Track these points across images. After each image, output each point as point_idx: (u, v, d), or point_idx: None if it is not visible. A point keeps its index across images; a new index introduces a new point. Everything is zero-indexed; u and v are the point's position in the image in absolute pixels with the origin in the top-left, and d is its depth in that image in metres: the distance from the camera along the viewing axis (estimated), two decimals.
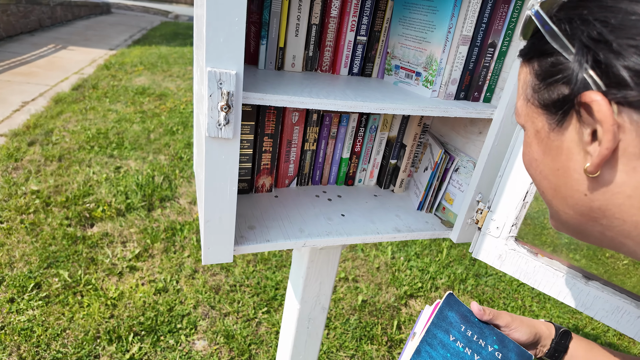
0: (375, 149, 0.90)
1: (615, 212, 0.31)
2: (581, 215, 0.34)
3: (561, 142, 0.33)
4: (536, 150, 0.36)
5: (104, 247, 1.92)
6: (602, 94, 0.28)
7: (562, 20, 0.31)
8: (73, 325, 1.51)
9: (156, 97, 4.05)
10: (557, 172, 0.34)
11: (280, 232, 0.70)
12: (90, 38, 6.97)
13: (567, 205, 0.35)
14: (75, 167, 2.54)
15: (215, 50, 0.47)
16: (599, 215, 0.32)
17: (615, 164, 0.29)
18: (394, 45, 0.79)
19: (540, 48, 0.33)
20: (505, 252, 0.71)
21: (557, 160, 0.34)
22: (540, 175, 0.37)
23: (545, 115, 0.34)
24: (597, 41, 0.28)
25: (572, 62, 0.30)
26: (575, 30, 0.30)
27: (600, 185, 0.31)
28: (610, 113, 0.28)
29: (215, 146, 0.52)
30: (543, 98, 0.33)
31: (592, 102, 0.28)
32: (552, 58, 0.32)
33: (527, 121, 0.36)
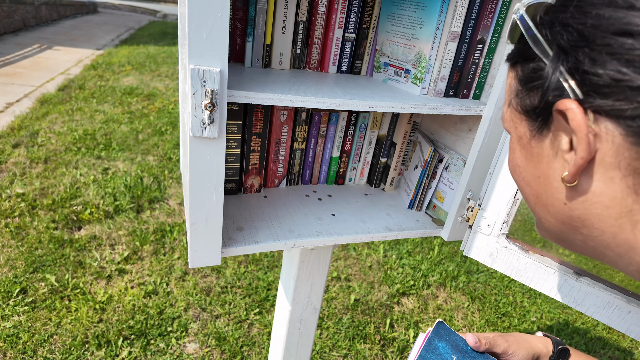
0: (365, 148, 0.89)
1: (594, 222, 0.31)
2: (562, 223, 0.34)
3: (541, 150, 0.33)
4: (519, 157, 0.36)
5: (92, 250, 1.89)
6: (578, 102, 0.28)
7: (544, 24, 0.30)
8: (60, 331, 1.48)
9: (144, 97, 4.00)
10: (538, 179, 0.34)
11: (270, 233, 0.69)
12: (77, 38, 6.86)
13: (549, 213, 0.34)
14: (62, 169, 2.49)
15: (198, 47, 0.46)
16: (579, 224, 0.32)
17: (593, 173, 0.29)
18: (382, 42, 0.78)
19: (524, 53, 0.33)
20: (496, 249, 0.70)
21: (538, 168, 0.33)
22: (523, 181, 0.36)
23: (526, 122, 0.34)
24: (575, 46, 0.28)
25: (547, 67, 0.30)
26: (555, 34, 0.29)
27: (579, 194, 0.30)
28: (584, 122, 0.27)
29: (200, 146, 0.51)
30: (524, 104, 0.33)
31: (567, 110, 0.28)
32: (534, 63, 0.31)
33: (511, 127, 0.36)
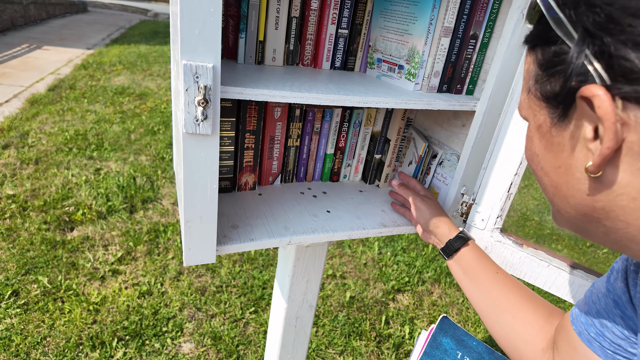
0: (359, 144, 0.89)
1: (619, 214, 0.29)
2: (583, 215, 0.32)
3: (563, 138, 0.31)
4: (538, 146, 0.34)
5: (85, 251, 1.87)
6: (605, 88, 0.26)
7: (568, 4, 0.28)
8: (54, 333, 1.46)
9: (136, 97, 3.96)
10: (558, 169, 0.32)
11: (265, 231, 0.69)
12: (66, 37, 6.78)
13: (569, 205, 0.33)
14: (53, 170, 2.46)
15: (190, 43, 0.45)
16: (603, 216, 0.30)
17: (619, 163, 0.27)
18: (375, 38, 0.78)
19: (544, 35, 0.30)
20: (491, 243, 0.71)
21: (558, 157, 0.32)
22: (541, 171, 0.35)
23: (547, 109, 0.32)
24: (602, 28, 0.25)
25: (572, 51, 0.27)
26: (580, 15, 0.27)
27: (603, 185, 0.29)
28: (612, 109, 0.26)
29: (193, 143, 0.50)
30: (545, 90, 0.31)
31: (594, 96, 0.26)
32: (556, 47, 0.29)
33: (529, 114, 0.34)
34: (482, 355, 0.53)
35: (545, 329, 0.52)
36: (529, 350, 0.52)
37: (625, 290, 0.40)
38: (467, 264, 0.63)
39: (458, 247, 0.64)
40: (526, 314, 0.55)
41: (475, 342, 0.55)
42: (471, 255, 0.63)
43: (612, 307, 0.41)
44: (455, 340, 0.54)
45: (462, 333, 0.55)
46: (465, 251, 0.64)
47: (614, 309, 0.41)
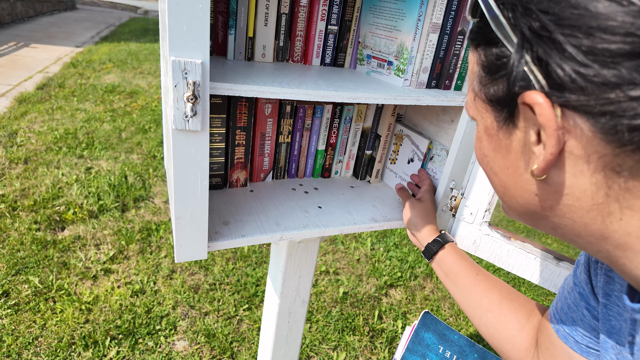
0: (350, 140, 0.90)
1: (565, 212, 0.30)
2: (533, 213, 0.33)
3: (510, 141, 0.31)
4: (487, 147, 0.34)
5: (77, 250, 1.86)
6: (545, 95, 0.26)
7: (506, 6, 0.27)
8: (46, 333, 1.45)
9: (127, 95, 3.93)
10: (507, 170, 0.32)
11: (256, 227, 0.69)
12: (55, 35, 6.69)
13: (518, 204, 0.33)
14: (43, 169, 2.44)
15: (178, 39, 0.45)
16: (550, 214, 0.31)
17: (563, 166, 0.28)
18: (365, 34, 0.78)
19: (487, 35, 0.30)
20: (479, 237, 0.72)
21: (507, 159, 0.32)
22: (491, 171, 0.35)
23: (492, 112, 0.31)
24: (538, 35, 0.25)
25: (513, 56, 0.27)
26: (517, 19, 0.26)
27: (550, 186, 0.29)
28: (553, 117, 0.26)
29: (183, 139, 0.50)
30: (489, 93, 0.31)
31: (534, 104, 0.26)
32: (497, 49, 0.29)
33: (476, 115, 0.34)
34: (464, 349, 0.55)
35: (527, 327, 0.53)
36: (514, 350, 0.53)
37: (588, 281, 0.41)
38: (447, 266, 0.64)
39: (436, 250, 0.66)
40: (507, 314, 0.55)
41: (456, 335, 0.56)
42: (450, 258, 0.64)
43: (579, 299, 0.42)
44: (437, 335, 0.55)
45: (443, 327, 0.57)
46: (443, 254, 0.65)
47: (580, 301, 0.42)
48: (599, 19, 0.23)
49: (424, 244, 0.69)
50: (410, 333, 0.55)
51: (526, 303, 0.56)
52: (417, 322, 0.57)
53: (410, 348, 0.54)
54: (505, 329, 0.55)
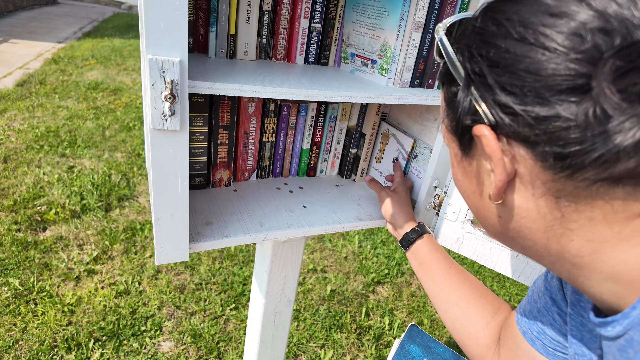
0: (335, 139, 0.90)
1: (526, 234, 0.32)
2: (502, 234, 0.35)
3: (472, 168, 0.34)
4: (457, 172, 0.37)
5: (59, 251, 1.82)
6: (490, 128, 0.28)
7: (459, 50, 0.31)
8: (26, 336, 1.42)
9: (110, 92, 3.86)
10: (474, 194, 0.35)
11: (240, 227, 0.68)
12: (35, 30, 6.52)
13: (489, 225, 0.36)
14: (23, 168, 2.38)
15: (155, 36, 0.44)
16: (515, 235, 0.33)
17: (516, 190, 0.30)
18: (348, 32, 0.78)
19: (449, 75, 0.33)
20: (462, 235, 0.72)
21: (472, 184, 0.35)
22: (464, 194, 0.38)
23: (456, 142, 0.34)
24: (478, 75, 0.29)
25: (460, 93, 0.30)
26: (464, 62, 0.30)
27: (508, 209, 0.32)
28: (497, 147, 0.28)
29: (162, 139, 0.49)
30: (452, 125, 0.34)
31: (481, 136, 0.29)
32: (455, 87, 0.32)
33: (448, 144, 0.37)
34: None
35: (491, 325, 0.54)
36: (476, 345, 0.54)
37: (560, 288, 0.42)
38: (422, 256, 0.66)
39: (413, 239, 0.67)
40: (474, 309, 0.57)
41: (442, 348, 0.57)
42: (425, 249, 0.66)
43: (550, 304, 0.43)
44: (422, 348, 0.56)
45: (429, 340, 0.57)
46: (420, 244, 0.67)
47: (551, 306, 0.43)
48: (525, 62, 0.26)
49: (401, 234, 0.70)
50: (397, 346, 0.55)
51: (494, 301, 0.57)
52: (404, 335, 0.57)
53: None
54: (470, 324, 0.56)
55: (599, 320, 0.30)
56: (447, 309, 0.60)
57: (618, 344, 0.28)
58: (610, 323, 0.29)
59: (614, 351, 0.29)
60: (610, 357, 0.30)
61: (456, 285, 0.60)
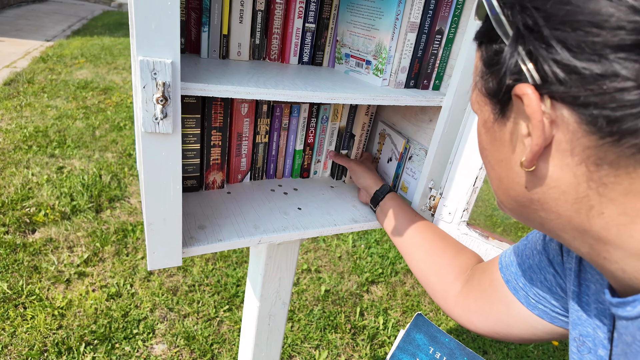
0: (327, 140, 0.89)
1: (552, 205, 0.31)
2: (523, 206, 0.34)
3: (503, 134, 0.32)
4: (485, 140, 0.35)
5: (48, 253, 1.79)
6: (534, 87, 0.27)
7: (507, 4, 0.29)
8: (16, 341, 1.39)
9: (100, 91, 3.81)
10: (501, 163, 0.34)
11: (234, 230, 0.67)
12: (23, 28, 6.41)
13: (510, 197, 0.35)
14: (11, 169, 2.33)
15: (146, 37, 0.43)
16: (538, 207, 0.32)
17: (550, 159, 0.29)
18: (343, 32, 0.77)
19: (489, 33, 0.31)
20: (458, 236, 0.72)
21: (500, 152, 0.33)
22: (488, 164, 0.36)
23: (489, 105, 0.33)
24: (530, 30, 0.27)
25: (506, 50, 0.29)
26: (515, 16, 0.28)
27: (538, 179, 0.30)
28: (538, 108, 0.27)
29: (153, 142, 0.48)
30: (487, 87, 0.32)
31: (523, 95, 0.28)
32: (497, 45, 0.30)
33: (477, 109, 0.36)
34: (454, 351, 0.56)
35: (454, 263, 0.59)
36: (439, 282, 0.59)
37: (559, 253, 0.44)
38: (389, 209, 0.72)
39: (382, 196, 0.74)
40: (436, 249, 0.63)
41: (447, 338, 0.57)
42: (392, 203, 0.72)
43: (546, 264, 0.45)
44: (428, 337, 0.56)
45: (435, 330, 0.58)
46: (387, 199, 0.74)
47: (547, 266, 0.45)
48: (586, 13, 0.24)
49: (371, 193, 0.77)
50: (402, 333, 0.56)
51: (456, 244, 0.64)
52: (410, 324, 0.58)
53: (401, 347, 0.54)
54: (433, 261, 0.61)
55: (617, 300, 0.30)
56: (412, 252, 0.65)
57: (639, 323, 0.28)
58: (631, 302, 0.28)
59: (634, 331, 0.28)
60: (627, 337, 0.29)
61: (420, 230, 0.66)
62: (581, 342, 0.37)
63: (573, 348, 0.38)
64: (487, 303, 0.51)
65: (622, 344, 0.30)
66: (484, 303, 0.52)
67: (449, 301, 0.57)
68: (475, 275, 0.55)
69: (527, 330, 0.47)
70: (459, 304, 0.55)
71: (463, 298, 0.55)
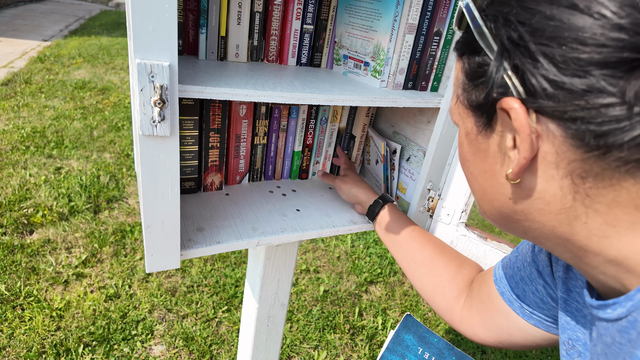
0: (326, 141, 0.89)
1: (535, 216, 0.31)
2: (506, 216, 0.34)
3: (488, 146, 0.32)
4: (467, 151, 0.35)
5: (46, 254, 1.78)
6: (520, 102, 0.27)
7: (489, 17, 0.29)
8: (13, 342, 1.39)
9: (98, 92, 3.80)
10: (485, 174, 0.34)
11: (232, 232, 0.67)
12: (20, 28, 6.39)
13: (493, 207, 0.35)
14: (9, 170, 2.33)
15: (144, 40, 0.43)
16: (522, 217, 0.32)
17: (536, 171, 0.29)
18: (341, 34, 0.77)
19: (471, 44, 0.31)
20: (456, 237, 0.72)
21: (485, 163, 0.33)
22: (470, 175, 0.36)
23: (473, 117, 0.33)
24: (515, 44, 0.27)
25: (492, 64, 0.29)
26: (499, 29, 0.28)
27: (523, 190, 0.31)
28: (527, 122, 0.27)
29: (151, 145, 0.48)
30: (471, 99, 0.32)
31: (510, 109, 0.28)
32: (480, 58, 0.30)
33: (459, 120, 0.36)
34: (442, 351, 0.56)
35: (457, 278, 0.58)
36: (443, 299, 0.58)
37: (548, 264, 0.44)
38: (387, 224, 0.70)
39: (377, 210, 0.72)
40: (439, 266, 0.61)
41: (436, 338, 0.58)
42: (389, 217, 0.70)
43: (536, 276, 0.45)
44: (417, 337, 0.57)
45: (424, 330, 0.58)
46: (384, 213, 0.71)
47: (537, 278, 0.45)
48: (572, 30, 0.24)
49: (366, 208, 0.75)
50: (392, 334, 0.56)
51: (457, 257, 0.62)
52: (399, 324, 0.58)
53: (390, 348, 0.54)
54: (436, 280, 0.60)
55: (597, 302, 0.31)
56: (414, 270, 0.63)
57: (619, 325, 0.28)
58: (611, 305, 0.29)
59: (613, 333, 0.29)
60: (607, 338, 0.30)
61: (420, 246, 0.64)
62: (570, 345, 0.38)
63: (563, 352, 0.39)
64: (487, 315, 0.52)
65: (601, 344, 0.31)
66: (485, 315, 0.52)
67: (455, 317, 0.57)
68: (474, 288, 0.56)
69: (527, 338, 0.48)
70: (464, 318, 0.55)
71: (466, 312, 0.55)
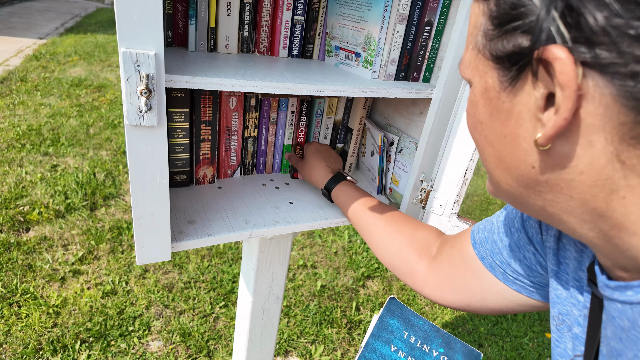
0: (322, 134, 0.88)
1: (563, 187, 0.27)
2: (525, 187, 0.30)
3: (512, 105, 0.27)
4: (482, 112, 0.30)
5: (43, 252, 1.78)
6: (568, 51, 0.22)
7: None
8: (10, 339, 1.39)
9: (94, 89, 3.78)
10: (503, 139, 0.29)
11: (224, 225, 0.67)
12: (15, 26, 6.36)
13: (511, 177, 0.30)
14: (5, 168, 2.32)
15: (129, 29, 0.42)
16: (545, 189, 0.28)
17: (570, 135, 0.25)
18: (332, 25, 0.77)
19: None
20: (448, 228, 0.72)
21: (505, 126, 0.28)
22: (484, 140, 0.31)
23: (497, 71, 0.28)
24: None
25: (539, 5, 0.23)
26: None
27: (552, 158, 0.26)
28: (574, 76, 0.22)
29: (138, 136, 0.48)
30: (496, 48, 0.27)
31: (555, 59, 0.23)
32: None
33: (475, 76, 0.30)
34: (428, 334, 0.56)
35: (415, 241, 0.58)
36: (402, 262, 0.58)
37: (539, 231, 0.42)
38: (341, 199, 0.70)
39: (332, 187, 0.72)
40: (393, 232, 0.61)
41: (421, 321, 0.57)
42: (343, 193, 0.70)
43: (526, 242, 0.43)
44: (402, 321, 0.56)
45: (409, 313, 0.58)
46: (337, 190, 0.72)
47: (527, 244, 0.43)
48: None
49: (322, 187, 0.75)
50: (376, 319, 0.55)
51: (412, 221, 0.63)
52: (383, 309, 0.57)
53: (375, 334, 0.54)
54: (393, 245, 0.60)
55: (614, 283, 0.28)
56: (374, 240, 0.63)
57: None
58: (635, 287, 0.26)
59: (634, 316, 0.26)
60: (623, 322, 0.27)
61: (375, 216, 0.64)
62: (560, 320, 0.37)
63: (553, 327, 0.38)
64: (459, 277, 0.50)
65: (614, 327, 0.28)
66: (455, 278, 0.50)
67: (417, 279, 0.55)
68: (443, 250, 0.54)
69: (501, 302, 0.47)
70: (428, 280, 0.54)
71: (432, 274, 0.54)
